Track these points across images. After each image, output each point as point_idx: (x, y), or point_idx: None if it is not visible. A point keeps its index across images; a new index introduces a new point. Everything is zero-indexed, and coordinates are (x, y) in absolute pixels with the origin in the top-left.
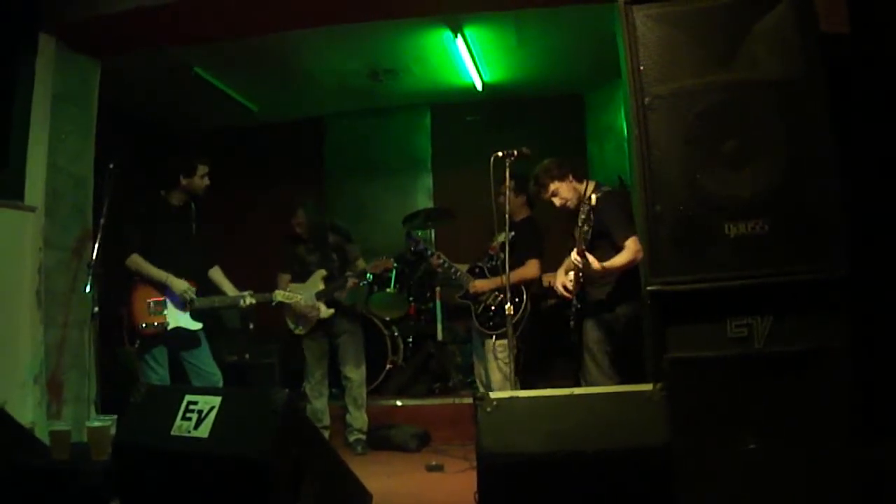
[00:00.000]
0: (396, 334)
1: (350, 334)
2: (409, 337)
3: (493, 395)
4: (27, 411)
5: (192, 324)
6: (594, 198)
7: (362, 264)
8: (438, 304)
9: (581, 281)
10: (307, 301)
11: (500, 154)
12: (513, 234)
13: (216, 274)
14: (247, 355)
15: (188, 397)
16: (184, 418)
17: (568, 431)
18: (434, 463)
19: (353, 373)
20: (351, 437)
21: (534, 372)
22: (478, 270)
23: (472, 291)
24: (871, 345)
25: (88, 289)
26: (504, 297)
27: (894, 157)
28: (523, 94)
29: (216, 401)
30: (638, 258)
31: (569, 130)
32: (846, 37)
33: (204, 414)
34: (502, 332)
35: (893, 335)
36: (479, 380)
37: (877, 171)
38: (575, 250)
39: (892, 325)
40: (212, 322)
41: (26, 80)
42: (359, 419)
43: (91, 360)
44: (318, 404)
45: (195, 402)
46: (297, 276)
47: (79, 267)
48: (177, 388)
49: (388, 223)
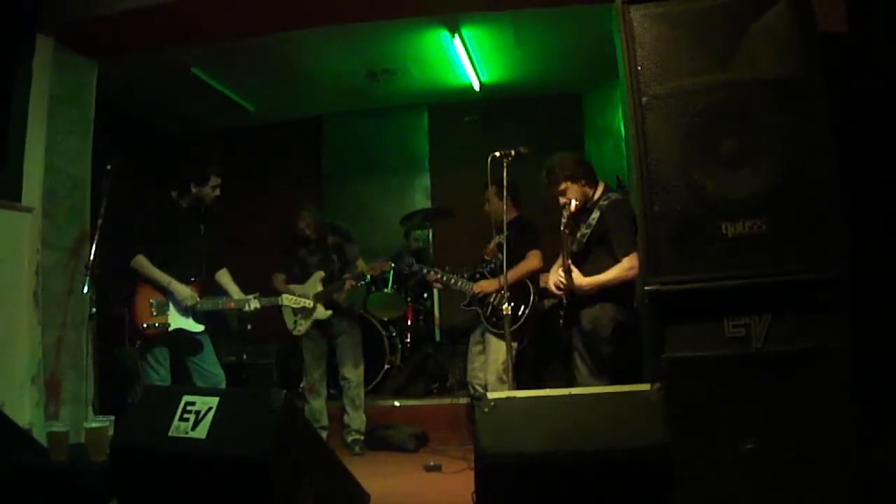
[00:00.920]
0: (394, 334)
1: (348, 335)
2: (406, 337)
3: (491, 395)
4: (25, 412)
5: (194, 326)
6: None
7: (362, 265)
8: (437, 303)
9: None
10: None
11: (498, 154)
12: (506, 233)
13: (223, 277)
14: (245, 356)
15: (186, 398)
16: (181, 419)
17: (566, 431)
18: (432, 463)
19: (352, 373)
20: (349, 438)
21: (542, 369)
22: (478, 276)
23: (476, 292)
24: (869, 344)
25: (86, 289)
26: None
27: (892, 157)
28: (521, 94)
29: (214, 401)
30: (628, 276)
31: (566, 130)
32: (844, 36)
33: (202, 415)
34: (515, 330)
35: (892, 334)
36: (472, 382)
37: (875, 170)
38: (560, 263)
39: (891, 324)
40: (213, 323)
41: (24, 81)
42: (357, 419)
43: (89, 361)
44: (316, 404)
45: (193, 403)
46: (296, 278)
47: (76, 267)
48: (174, 389)
49: (386, 223)
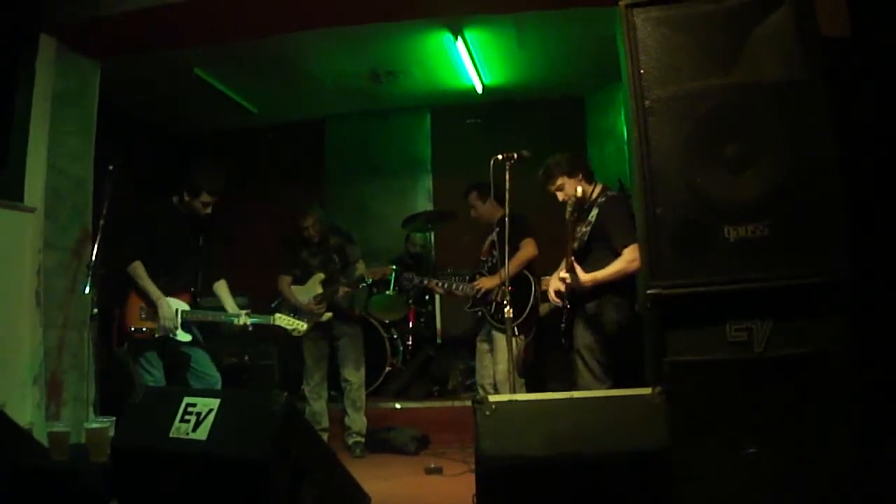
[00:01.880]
0: (396, 337)
1: (349, 337)
2: (408, 339)
3: (493, 397)
4: (26, 412)
5: (182, 336)
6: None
7: (362, 267)
8: (438, 306)
9: (571, 287)
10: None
11: (500, 157)
12: (497, 230)
13: (221, 289)
14: (246, 357)
15: (187, 399)
16: (182, 420)
17: (567, 435)
18: (433, 466)
19: (353, 375)
20: (350, 440)
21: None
22: (478, 275)
23: (478, 289)
24: (871, 348)
25: (88, 290)
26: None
27: (894, 161)
28: (523, 96)
29: (215, 403)
30: (631, 268)
31: (569, 133)
32: (847, 40)
33: (202, 416)
34: (521, 322)
35: (894, 338)
36: (483, 384)
37: (878, 174)
38: (560, 270)
39: (893, 328)
40: (206, 330)
41: (27, 81)
42: (357, 422)
43: (90, 362)
44: (317, 406)
45: (194, 405)
46: (298, 280)
47: (78, 268)
48: (175, 390)
49: (388, 225)
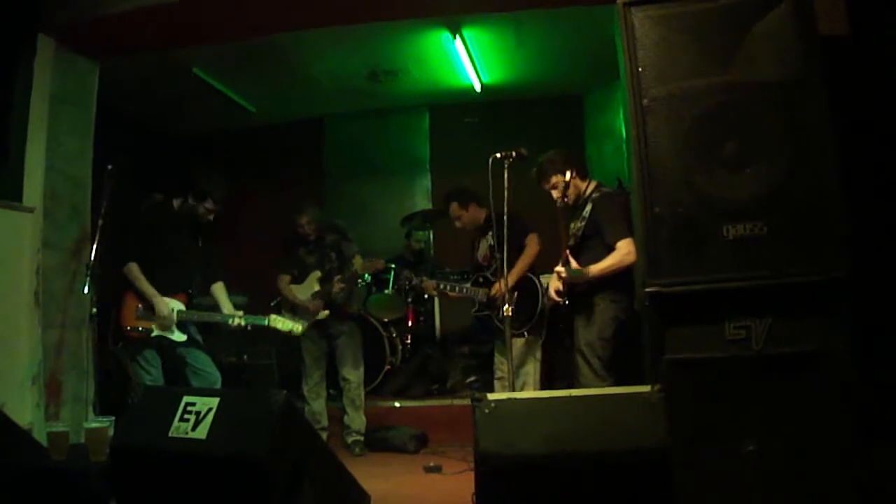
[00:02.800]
0: (395, 335)
1: (348, 336)
2: (407, 338)
3: (492, 396)
4: (25, 412)
5: (177, 336)
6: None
7: (359, 263)
8: (437, 304)
9: (568, 282)
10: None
11: (499, 155)
12: (490, 232)
13: (218, 290)
14: (245, 356)
15: (186, 398)
16: (182, 419)
17: (566, 433)
18: (432, 464)
19: (352, 374)
20: (349, 439)
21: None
22: (482, 280)
23: (494, 294)
24: (871, 347)
25: (87, 290)
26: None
27: (893, 159)
28: (522, 95)
29: (214, 402)
30: (626, 262)
31: (567, 132)
32: (845, 38)
33: (202, 415)
34: (532, 326)
35: (893, 337)
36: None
37: (876, 172)
38: (562, 259)
39: (893, 326)
40: (203, 330)
41: (25, 81)
42: (357, 420)
43: (89, 361)
44: (316, 406)
45: (193, 404)
46: (296, 279)
47: (77, 268)
48: (175, 390)
49: (387, 224)
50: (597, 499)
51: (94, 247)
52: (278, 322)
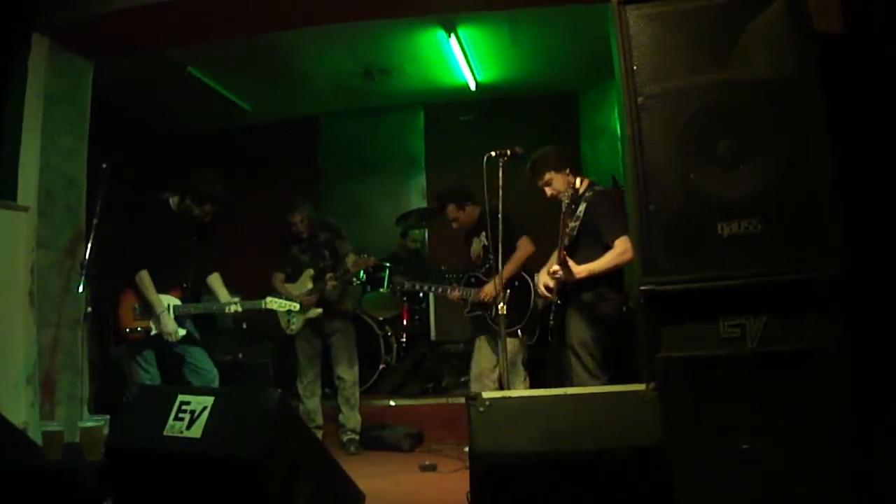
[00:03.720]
0: (390, 334)
1: (343, 334)
2: (402, 337)
3: (486, 394)
4: (20, 411)
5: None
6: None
7: (352, 260)
8: (432, 303)
9: (562, 281)
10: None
11: (494, 154)
12: (483, 232)
13: (214, 281)
14: (240, 355)
15: (181, 397)
16: (176, 418)
17: (561, 431)
18: (427, 463)
19: (346, 373)
20: (344, 438)
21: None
22: (474, 280)
23: (482, 297)
24: (866, 344)
25: (81, 289)
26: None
27: (888, 157)
28: (517, 93)
29: (209, 401)
30: (623, 260)
31: (562, 130)
32: (840, 36)
33: (197, 414)
34: (525, 325)
35: (889, 334)
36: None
37: (870, 170)
38: (548, 265)
39: (888, 324)
40: (206, 321)
41: (19, 80)
42: (352, 419)
43: (84, 361)
44: (311, 404)
45: (188, 403)
46: (290, 277)
47: (72, 267)
48: (169, 388)
49: (382, 223)
50: (591, 497)
51: (89, 246)
52: (274, 303)
